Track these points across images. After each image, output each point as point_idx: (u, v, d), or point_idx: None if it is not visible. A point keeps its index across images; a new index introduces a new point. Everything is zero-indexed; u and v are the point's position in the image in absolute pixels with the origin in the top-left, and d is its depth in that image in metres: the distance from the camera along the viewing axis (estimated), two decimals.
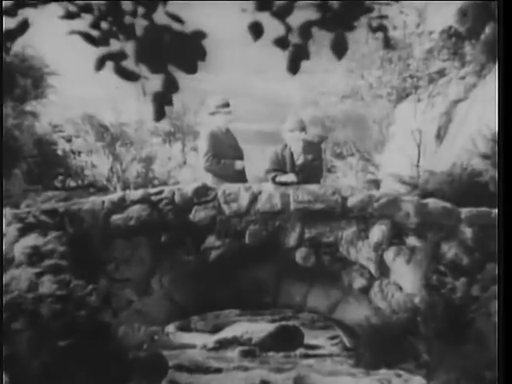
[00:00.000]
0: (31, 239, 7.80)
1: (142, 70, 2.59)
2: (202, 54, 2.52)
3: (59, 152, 13.72)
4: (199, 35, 2.48)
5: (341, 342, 10.74)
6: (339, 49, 2.49)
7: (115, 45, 2.37)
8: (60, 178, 13.32)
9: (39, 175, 12.08)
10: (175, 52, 2.41)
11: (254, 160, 10.71)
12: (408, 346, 8.10)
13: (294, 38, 2.52)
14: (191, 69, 2.49)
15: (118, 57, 2.36)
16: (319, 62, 18.06)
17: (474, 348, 7.74)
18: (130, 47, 2.40)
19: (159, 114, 2.74)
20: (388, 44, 2.63)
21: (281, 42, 2.48)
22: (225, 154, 9.68)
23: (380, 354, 8.26)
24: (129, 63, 2.43)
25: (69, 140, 14.55)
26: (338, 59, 2.50)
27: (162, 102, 2.71)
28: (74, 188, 13.39)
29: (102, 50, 2.37)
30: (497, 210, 6.39)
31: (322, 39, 2.73)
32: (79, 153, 14.96)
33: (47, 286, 6.79)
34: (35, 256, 7.37)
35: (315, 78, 18.87)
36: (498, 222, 6.25)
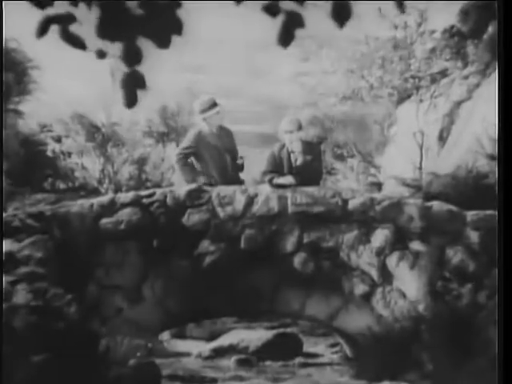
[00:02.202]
0: (5, 245, 7.44)
1: (108, 46, 2.19)
2: (177, 27, 2.12)
3: (48, 153, 13.41)
4: (173, 4, 2.09)
5: (341, 350, 10.48)
6: (341, 15, 2.10)
7: (65, 7, 1.99)
8: (49, 180, 13.02)
9: (26, 177, 11.77)
10: (144, 22, 2.02)
11: (253, 162, 10.45)
12: (412, 355, 8.00)
13: (286, 4, 2.13)
14: (164, 43, 2.10)
15: (65, 20, 1.98)
16: (318, 62, 17.90)
17: (480, 358, 7.57)
18: (86, 13, 2.02)
19: (131, 100, 2.35)
20: (401, 5, 2.24)
21: (270, 9, 2.09)
22: (211, 157, 9.36)
23: (382, 364, 8.11)
24: (85, 31, 2.05)
25: (58, 140, 14.24)
26: (339, 27, 2.11)
27: (134, 84, 2.32)
28: (64, 190, 13.10)
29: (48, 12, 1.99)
30: (497, 213, 6.26)
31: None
32: (69, 154, 14.66)
33: (22, 295, 6.41)
34: (9, 263, 6.99)
35: (314, 79, 18.68)
36: (498, 224, 6.15)
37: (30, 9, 2.69)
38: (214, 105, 9.38)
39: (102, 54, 2.35)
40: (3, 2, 6.26)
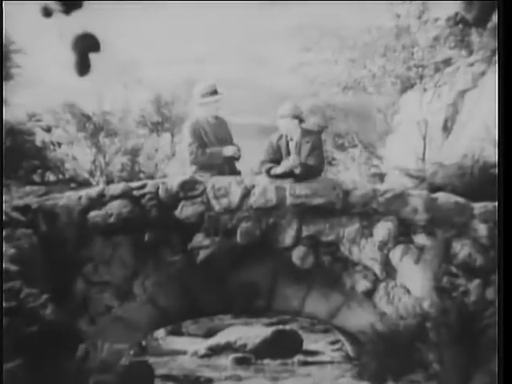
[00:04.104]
0: None
1: None
2: None
3: (37, 143, 13.12)
4: None
5: (343, 349, 10.31)
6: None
7: None
8: (38, 171, 12.75)
9: (14, 168, 11.45)
10: None
11: (251, 154, 10.23)
12: (417, 355, 7.83)
13: None
14: None
15: None
16: (320, 52, 17.96)
17: (489, 357, 7.35)
18: None
19: (84, 66, 1.97)
20: None
21: None
22: (211, 145, 9.20)
23: (386, 364, 7.92)
24: None
25: (47, 130, 13.92)
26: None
27: (85, 47, 1.95)
28: (54, 183, 12.84)
29: None
30: (497, 204, 6.23)
31: None
32: (59, 144, 14.38)
33: None
34: None
35: (315, 69, 18.62)
36: (498, 215, 6.10)
37: None
38: (214, 92, 9.24)
39: (47, 13, 1.99)
40: (3, 2, 6.15)
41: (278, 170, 8.58)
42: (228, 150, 9.13)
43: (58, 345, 5.89)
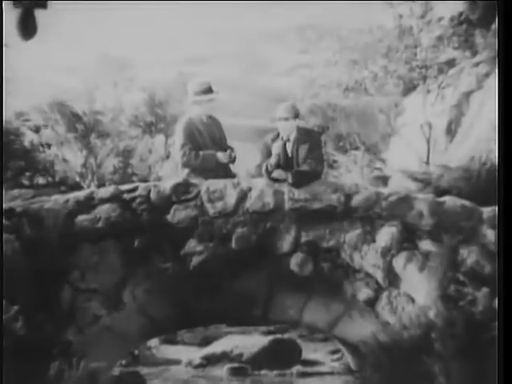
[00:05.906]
0: None
1: None
2: None
3: (26, 144, 12.90)
4: None
5: (343, 360, 10.08)
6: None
7: None
8: (27, 174, 12.53)
9: (1, 171, 11.20)
10: None
11: (249, 157, 10.08)
12: (421, 367, 7.61)
13: None
14: None
15: None
16: (320, 53, 17.97)
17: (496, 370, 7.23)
18: None
19: (29, 26, 1.71)
20: None
21: None
22: (205, 146, 9.02)
23: (389, 376, 7.70)
24: None
25: (36, 131, 13.74)
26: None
27: (30, 3, 1.68)
28: (44, 186, 12.63)
29: None
30: (497, 208, 6.18)
31: None
32: (48, 145, 14.16)
33: None
34: None
35: (315, 71, 18.58)
36: (498, 218, 6.07)
37: None
38: (209, 90, 9.04)
39: None
40: (3, 2, 5.95)
41: (272, 160, 8.37)
42: (222, 157, 8.89)
43: (29, 361, 5.54)
